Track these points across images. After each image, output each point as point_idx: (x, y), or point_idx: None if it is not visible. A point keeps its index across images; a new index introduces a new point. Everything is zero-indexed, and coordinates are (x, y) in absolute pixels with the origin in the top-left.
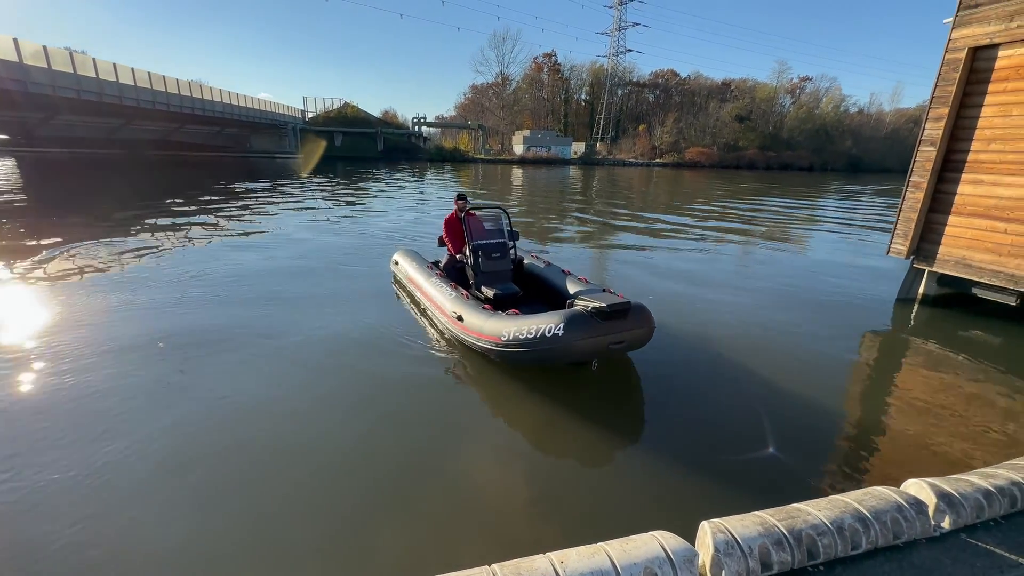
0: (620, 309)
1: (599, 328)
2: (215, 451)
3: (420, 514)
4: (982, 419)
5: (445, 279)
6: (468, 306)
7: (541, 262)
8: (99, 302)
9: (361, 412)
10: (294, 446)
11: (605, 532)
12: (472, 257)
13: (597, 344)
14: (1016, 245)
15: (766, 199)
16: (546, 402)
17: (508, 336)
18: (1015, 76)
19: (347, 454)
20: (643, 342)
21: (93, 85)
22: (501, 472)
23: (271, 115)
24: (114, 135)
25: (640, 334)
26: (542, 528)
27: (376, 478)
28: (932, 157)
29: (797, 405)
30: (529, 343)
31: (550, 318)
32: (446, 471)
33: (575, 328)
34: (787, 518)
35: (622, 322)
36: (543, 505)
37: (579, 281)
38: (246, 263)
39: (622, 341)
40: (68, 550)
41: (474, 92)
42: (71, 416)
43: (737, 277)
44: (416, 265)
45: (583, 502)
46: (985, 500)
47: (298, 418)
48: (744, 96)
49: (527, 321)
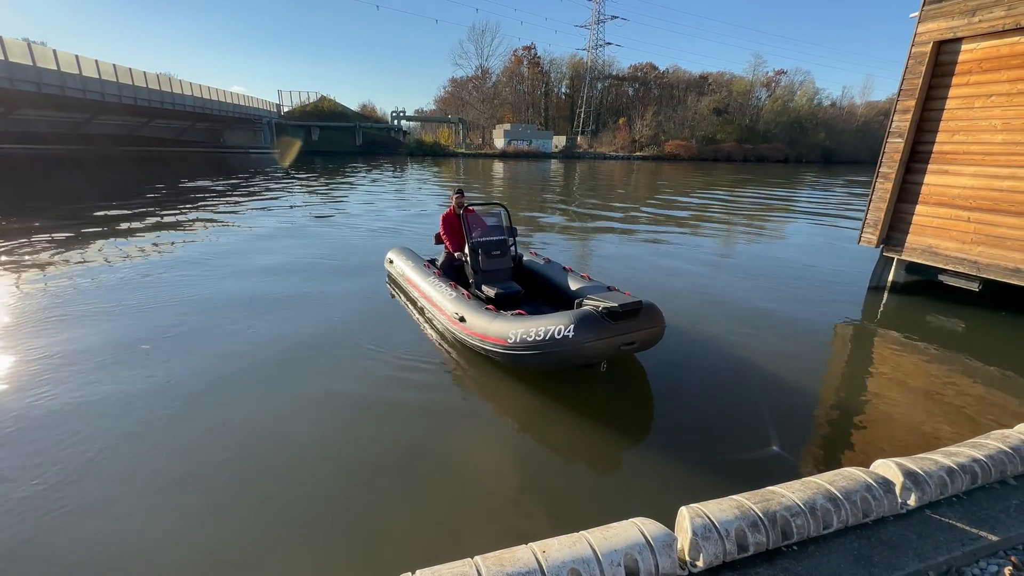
0: (632, 308)
1: (611, 329)
2: (203, 459)
3: (402, 508)
4: (947, 400)
5: (443, 278)
6: (470, 307)
7: (540, 259)
8: (99, 305)
9: (355, 412)
10: (278, 447)
11: (591, 520)
12: (471, 255)
13: (609, 345)
14: (979, 233)
15: (744, 190)
16: (533, 398)
17: (515, 338)
18: (977, 69)
19: (337, 453)
20: (654, 342)
21: (55, 78)
22: (487, 464)
23: (245, 109)
24: (78, 130)
25: (652, 333)
26: (525, 519)
27: (363, 472)
28: (900, 148)
29: (772, 392)
30: (538, 345)
31: (559, 319)
32: (431, 461)
33: (586, 329)
34: (762, 501)
35: (634, 322)
36: (527, 496)
37: (581, 278)
38: (232, 265)
39: (634, 342)
40: (74, 547)
41: (454, 85)
42: (54, 423)
43: (714, 267)
44: (412, 264)
45: (566, 493)
46: (948, 477)
47: (284, 422)
48: (721, 89)
49: (535, 322)
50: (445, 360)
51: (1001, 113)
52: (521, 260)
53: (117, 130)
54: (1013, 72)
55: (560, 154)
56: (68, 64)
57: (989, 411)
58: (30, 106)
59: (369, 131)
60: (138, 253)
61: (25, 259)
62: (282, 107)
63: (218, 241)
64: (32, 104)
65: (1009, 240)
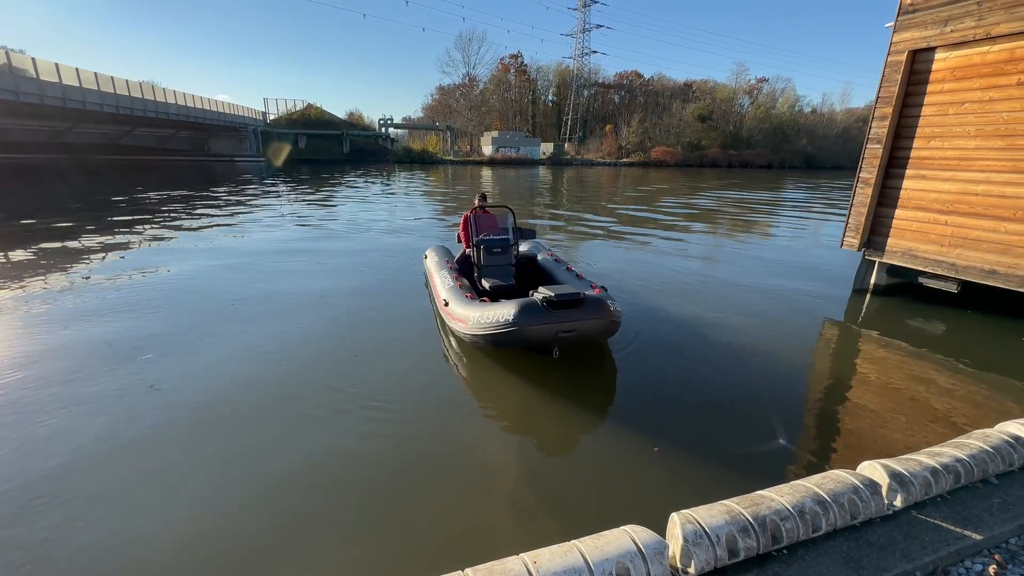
0: (570, 300)
1: (549, 316)
2: (193, 456)
3: (391, 521)
4: (929, 400)
5: (453, 271)
6: (455, 293)
7: (553, 259)
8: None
9: (343, 418)
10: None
11: (583, 527)
12: (475, 251)
13: (546, 331)
14: (956, 236)
15: (729, 195)
16: (522, 405)
17: (473, 321)
18: (950, 77)
19: (321, 464)
20: (601, 333)
21: (33, 86)
22: (476, 473)
23: (230, 117)
24: (59, 139)
25: (594, 325)
26: (516, 528)
27: (352, 482)
28: (879, 154)
29: (757, 395)
30: (488, 328)
31: (509, 306)
32: (416, 471)
33: (526, 316)
34: (752, 505)
35: (574, 312)
36: (517, 505)
37: (572, 275)
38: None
39: (572, 330)
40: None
41: (441, 93)
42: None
43: (701, 270)
44: (438, 259)
45: (557, 500)
46: (933, 478)
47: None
48: (705, 97)
49: (490, 308)
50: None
51: (974, 120)
52: (535, 259)
53: (99, 139)
54: (984, 80)
55: (548, 161)
56: (48, 72)
57: (970, 411)
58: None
59: (357, 139)
60: (136, 272)
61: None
62: (268, 115)
63: (249, 242)
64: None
65: (984, 243)
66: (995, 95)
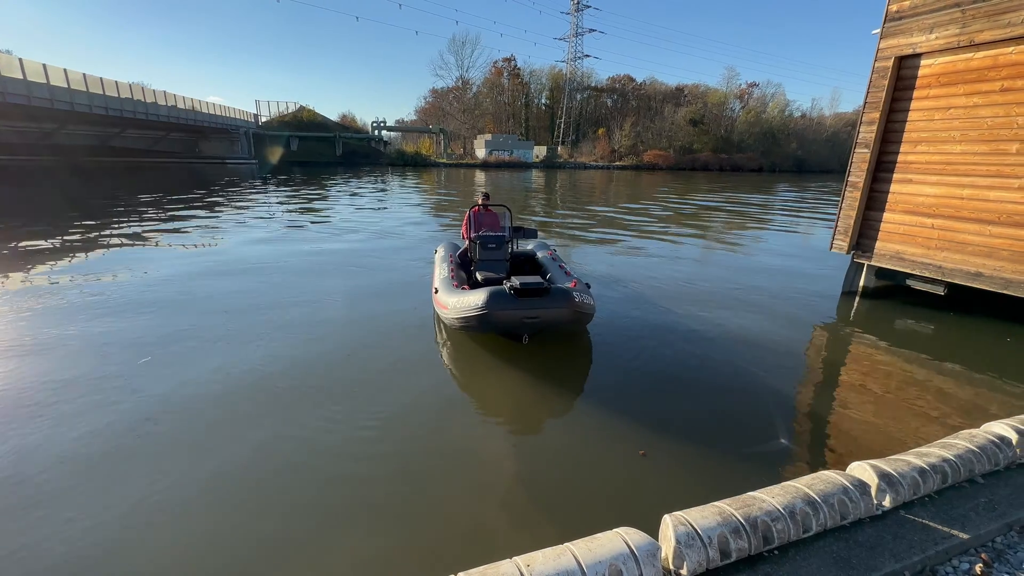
0: (535, 289)
1: (516, 304)
2: (183, 463)
3: (384, 525)
4: (917, 401)
5: (453, 263)
6: (445, 283)
7: (550, 257)
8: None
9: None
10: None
11: (576, 530)
12: (472, 246)
13: (512, 317)
14: (942, 239)
15: (720, 198)
16: (514, 407)
17: (451, 306)
18: (936, 83)
19: (318, 466)
20: (566, 322)
21: (21, 87)
22: (468, 476)
23: (221, 119)
24: (47, 141)
25: (558, 314)
26: (509, 532)
27: (336, 485)
28: (867, 158)
29: (748, 397)
30: (463, 312)
31: (480, 293)
32: (408, 477)
33: (493, 302)
34: (743, 506)
35: (538, 300)
36: (510, 508)
37: (561, 272)
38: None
39: (536, 318)
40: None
41: (435, 96)
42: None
43: (691, 271)
44: (443, 253)
45: (550, 503)
46: (920, 478)
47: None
48: (697, 101)
49: (466, 295)
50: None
51: (960, 125)
52: (534, 256)
53: (88, 140)
54: (969, 86)
55: (541, 164)
56: (35, 73)
57: (956, 411)
58: None
59: (349, 141)
60: (124, 270)
61: None
62: (260, 117)
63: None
64: None
65: (970, 246)
66: (979, 101)
